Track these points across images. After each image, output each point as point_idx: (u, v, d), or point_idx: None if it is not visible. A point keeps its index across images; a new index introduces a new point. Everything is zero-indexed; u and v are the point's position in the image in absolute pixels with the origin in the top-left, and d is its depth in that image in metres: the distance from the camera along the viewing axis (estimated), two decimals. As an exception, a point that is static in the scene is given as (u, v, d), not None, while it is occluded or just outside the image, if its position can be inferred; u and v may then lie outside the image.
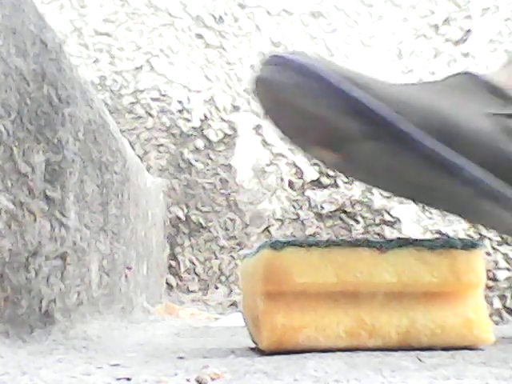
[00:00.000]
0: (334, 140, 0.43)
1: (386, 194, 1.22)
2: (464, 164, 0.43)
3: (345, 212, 1.22)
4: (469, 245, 0.47)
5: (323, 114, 0.41)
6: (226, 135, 1.24)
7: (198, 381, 0.34)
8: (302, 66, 0.41)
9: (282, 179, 1.23)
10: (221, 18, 1.28)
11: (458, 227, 1.18)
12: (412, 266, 0.46)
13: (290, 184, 1.23)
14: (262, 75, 0.44)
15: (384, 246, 0.45)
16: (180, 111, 1.25)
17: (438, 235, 1.19)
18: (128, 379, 0.34)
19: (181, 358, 0.44)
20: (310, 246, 0.45)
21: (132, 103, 1.25)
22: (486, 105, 0.48)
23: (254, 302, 0.47)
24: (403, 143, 0.42)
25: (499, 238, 1.18)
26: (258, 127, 1.25)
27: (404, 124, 0.42)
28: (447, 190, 0.44)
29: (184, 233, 1.21)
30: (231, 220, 1.21)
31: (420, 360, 0.41)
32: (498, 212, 0.46)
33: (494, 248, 1.18)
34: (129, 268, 0.81)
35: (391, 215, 1.20)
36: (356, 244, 0.45)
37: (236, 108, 1.25)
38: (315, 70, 0.41)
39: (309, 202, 1.22)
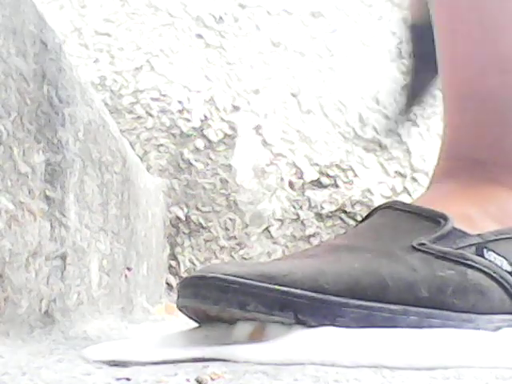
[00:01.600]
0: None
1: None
2: (403, 311, 0.41)
3: (345, 212, 1.22)
4: None
5: (255, 316, 0.40)
6: (226, 135, 1.24)
7: (197, 381, 0.34)
8: (214, 280, 0.40)
9: (282, 179, 1.23)
10: (221, 18, 1.28)
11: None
12: None
13: (290, 184, 1.23)
14: (182, 303, 0.43)
15: None
16: (180, 111, 1.25)
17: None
18: (128, 379, 0.34)
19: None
20: None
21: (132, 103, 1.25)
22: (416, 235, 0.45)
23: None
24: (332, 316, 0.40)
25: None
26: (258, 127, 1.25)
27: (328, 298, 0.40)
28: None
29: (184, 233, 1.22)
30: (231, 220, 1.21)
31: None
32: None
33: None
34: (129, 268, 0.81)
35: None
36: None
37: (236, 108, 1.25)
38: (230, 280, 0.40)
39: (309, 202, 1.22)
